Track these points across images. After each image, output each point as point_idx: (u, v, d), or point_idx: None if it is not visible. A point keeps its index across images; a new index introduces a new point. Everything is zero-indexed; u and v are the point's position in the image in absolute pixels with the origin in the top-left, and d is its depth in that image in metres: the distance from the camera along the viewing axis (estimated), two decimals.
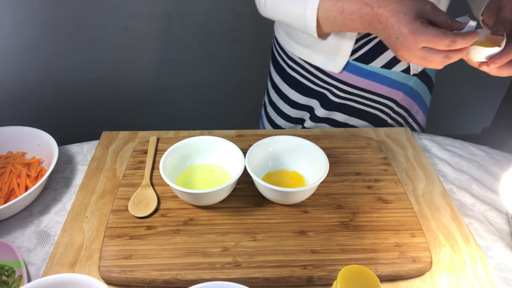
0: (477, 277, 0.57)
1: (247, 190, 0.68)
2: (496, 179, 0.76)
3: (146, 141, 0.79)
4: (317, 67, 0.85)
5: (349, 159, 0.75)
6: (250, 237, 0.60)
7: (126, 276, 0.55)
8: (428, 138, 0.87)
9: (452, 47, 0.53)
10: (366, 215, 0.64)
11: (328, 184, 0.69)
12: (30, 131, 0.77)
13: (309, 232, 0.61)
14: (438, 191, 0.71)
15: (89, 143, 0.84)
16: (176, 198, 0.67)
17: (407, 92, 0.88)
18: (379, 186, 0.70)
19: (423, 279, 0.57)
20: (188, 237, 0.61)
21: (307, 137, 0.72)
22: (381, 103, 0.88)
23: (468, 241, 0.62)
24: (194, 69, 1.63)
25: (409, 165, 0.77)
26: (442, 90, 1.91)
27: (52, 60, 1.49)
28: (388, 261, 0.57)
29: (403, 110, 0.90)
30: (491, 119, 2.02)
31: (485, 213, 0.70)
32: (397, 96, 0.87)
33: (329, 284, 0.56)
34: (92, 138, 0.85)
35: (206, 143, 0.71)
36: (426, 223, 0.65)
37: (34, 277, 0.58)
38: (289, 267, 0.56)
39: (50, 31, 1.43)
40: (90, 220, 0.65)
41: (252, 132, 0.84)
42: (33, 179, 0.72)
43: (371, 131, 0.85)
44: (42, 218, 0.67)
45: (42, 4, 1.37)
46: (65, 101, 1.59)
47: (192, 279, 0.55)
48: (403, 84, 0.86)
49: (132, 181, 0.70)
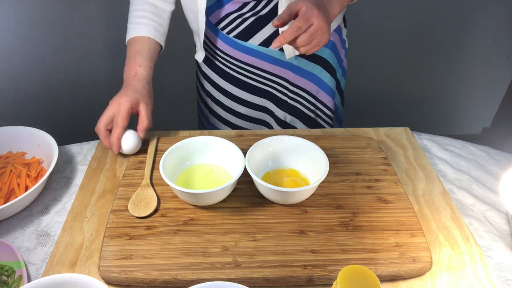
0: (477, 277, 0.57)
1: (247, 190, 0.68)
2: (496, 179, 0.76)
3: (146, 141, 0.79)
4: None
5: (349, 159, 0.75)
6: (250, 237, 0.60)
7: (126, 276, 0.55)
8: (428, 138, 0.87)
9: None
10: (366, 215, 0.64)
11: (328, 184, 0.69)
12: (30, 131, 0.77)
13: (309, 232, 0.61)
14: (438, 191, 0.71)
15: (89, 143, 0.84)
16: (176, 198, 0.67)
17: (297, 72, 0.91)
18: (379, 186, 0.70)
19: (423, 279, 0.57)
20: (188, 237, 0.61)
21: (307, 137, 0.71)
22: (273, 81, 0.92)
23: (468, 241, 0.62)
24: (194, 69, 1.63)
25: (409, 165, 0.77)
26: (442, 90, 1.91)
27: (52, 60, 1.49)
28: (388, 261, 0.57)
29: (299, 90, 0.94)
30: (491, 119, 2.02)
31: (485, 213, 0.70)
32: (287, 74, 0.91)
33: (329, 284, 0.56)
34: (92, 138, 0.85)
35: (206, 143, 0.71)
36: (426, 223, 0.65)
37: (34, 277, 0.58)
38: (289, 267, 0.56)
39: (50, 31, 1.43)
40: (90, 220, 0.65)
41: (252, 132, 0.84)
42: (33, 179, 0.72)
43: (371, 131, 0.85)
44: (42, 218, 0.67)
45: (42, 4, 1.37)
46: (65, 101, 1.59)
47: (192, 279, 0.55)
48: (287, 62, 0.89)
49: (132, 181, 0.70)
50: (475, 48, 1.77)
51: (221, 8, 0.83)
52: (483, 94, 1.91)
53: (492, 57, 1.81)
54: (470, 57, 1.80)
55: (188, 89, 1.68)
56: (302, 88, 0.94)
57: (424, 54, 1.77)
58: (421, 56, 1.77)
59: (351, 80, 1.15)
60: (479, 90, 1.90)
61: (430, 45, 1.75)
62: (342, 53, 0.98)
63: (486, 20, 1.70)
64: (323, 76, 0.94)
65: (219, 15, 0.85)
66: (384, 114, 1.88)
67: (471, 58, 1.80)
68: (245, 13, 0.82)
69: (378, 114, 1.87)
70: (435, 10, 1.65)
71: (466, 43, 1.75)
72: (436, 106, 1.95)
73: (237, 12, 0.82)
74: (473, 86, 1.89)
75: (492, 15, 1.69)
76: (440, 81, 1.87)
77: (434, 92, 1.90)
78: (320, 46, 0.66)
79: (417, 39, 1.70)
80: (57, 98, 1.57)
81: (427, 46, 1.75)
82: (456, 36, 1.73)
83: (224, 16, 0.84)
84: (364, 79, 1.69)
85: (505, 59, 1.82)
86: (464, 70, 1.83)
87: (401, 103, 1.89)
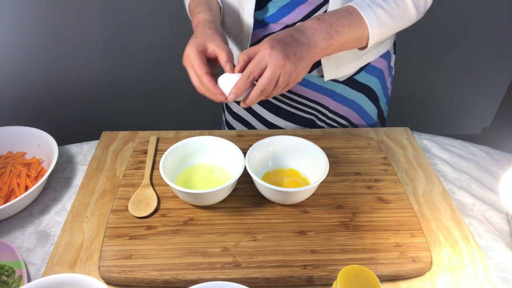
0: (477, 277, 0.57)
1: (247, 190, 0.68)
2: (496, 179, 0.76)
3: (146, 141, 0.79)
4: None
5: (349, 159, 0.75)
6: (250, 237, 0.60)
7: (126, 276, 0.55)
8: (428, 138, 0.87)
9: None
10: (366, 215, 0.64)
11: (328, 184, 0.69)
12: (30, 131, 0.77)
13: (309, 232, 0.61)
14: (438, 191, 0.71)
15: (89, 143, 0.84)
16: (176, 198, 0.67)
17: (337, 98, 0.87)
18: (379, 186, 0.70)
19: (423, 279, 0.57)
20: (188, 237, 0.61)
21: (307, 137, 0.71)
22: (312, 107, 0.88)
23: (468, 241, 0.62)
24: None
25: (409, 165, 0.77)
26: (442, 90, 1.91)
27: (52, 60, 1.49)
28: (388, 261, 0.57)
29: (339, 117, 0.90)
30: (491, 119, 2.02)
31: (485, 213, 0.69)
32: (327, 102, 0.87)
33: (329, 284, 0.56)
34: (92, 138, 0.85)
35: (206, 143, 0.71)
36: (426, 223, 0.65)
37: (34, 277, 0.58)
38: (289, 267, 0.56)
39: (50, 31, 1.43)
40: (90, 220, 0.65)
41: (252, 132, 0.84)
42: (33, 179, 0.72)
43: (371, 131, 0.85)
44: (42, 218, 0.67)
45: (42, 4, 1.37)
46: (65, 101, 1.59)
47: (192, 279, 0.55)
48: (330, 90, 0.85)
49: (132, 181, 0.70)
50: (475, 48, 1.77)
51: (262, 29, 0.78)
52: (483, 94, 1.91)
53: (492, 57, 1.81)
54: (470, 57, 1.80)
55: (188, 90, 1.69)
56: (342, 116, 0.89)
57: (424, 54, 1.77)
58: (421, 56, 1.76)
59: None
60: (479, 90, 1.90)
61: (430, 45, 1.75)
62: (388, 81, 0.92)
63: (486, 20, 1.70)
64: (365, 104, 0.89)
65: (258, 37, 0.79)
66: None
67: (471, 58, 1.80)
68: None
69: None
70: (435, 10, 1.65)
71: (466, 43, 1.75)
72: (436, 106, 1.95)
73: None
74: (473, 86, 1.89)
75: (492, 15, 1.69)
76: (440, 81, 1.87)
77: (434, 92, 1.90)
78: (291, 85, 0.60)
79: (417, 39, 1.70)
80: (57, 98, 1.57)
81: (427, 46, 1.75)
82: (456, 36, 1.73)
83: (262, 38, 0.78)
84: None
85: (505, 59, 1.82)
86: (464, 70, 1.83)
87: (401, 103, 1.89)
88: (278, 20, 0.76)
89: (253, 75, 0.58)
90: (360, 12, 0.64)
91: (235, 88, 0.58)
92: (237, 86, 0.58)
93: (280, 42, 0.58)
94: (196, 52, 0.61)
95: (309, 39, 0.60)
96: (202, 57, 0.62)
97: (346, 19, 0.63)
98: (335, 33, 0.62)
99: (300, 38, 0.59)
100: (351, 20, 0.63)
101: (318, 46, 0.61)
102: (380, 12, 0.65)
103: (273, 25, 0.77)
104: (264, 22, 0.78)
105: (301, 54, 0.59)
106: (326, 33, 0.61)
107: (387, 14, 0.65)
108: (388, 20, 0.66)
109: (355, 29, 0.63)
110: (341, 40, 0.63)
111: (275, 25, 0.77)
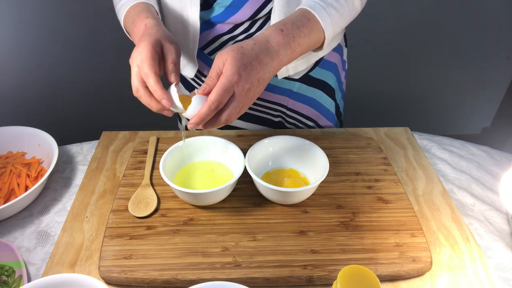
0: (477, 277, 0.57)
1: (247, 190, 0.68)
2: (496, 179, 0.76)
3: (146, 141, 0.79)
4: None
5: (349, 159, 0.75)
6: (250, 237, 0.60)
7: (126, 276, 0.55)
8: (428, 138, 0.87)
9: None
10: (366, 215, 0.64)
11: (328, 184, 0.69)
12: (30, 131, 0.77)
13: (309, 232, 0.61)
14: (438, 191, 0.71)
15: (89, 143, 0.84)
16: (176, 198, 0.67)
17: (295, 97, 0.85)
18: (379, 186, 0.70)
19: (423, 279, 0.57)
20: (188, 237, 0.61)
21: (307, 137, 0.72)
22: (273, 108, 0.86)
23: (468, 241, 0.62)
24: None
25: (409, 165, 0.77)
26: (442, 90, 1.91)
27: (52, 60, 1.49)
28: (388, 261, 0.57)
29: (298, 115, 0.88)
30: (491, 119, 2.02)
31: (485, 213, 0.70)
32: (285, 101, 0.85)
33: (329, 284, 0.56)
34: (92, 138, 0.85)
35: (206, 143, 0.71)
36: (426, 223, 0.65)
37: (34, 277, 0.58)
38: (289, 267, 0.56)
39: (50, 31, 1.43)
40: (90, 220, 0.65)
41: (252, 132, 0.84)
42: (33, 179, 0.72)
43: (371, 131, 0.85)
44: (42, 218, 0.67)
45: (42, 4, 1.37)
46: (65, 101, 1.59)
47: (192, 279, 0.55)
48: (287, 89, 0.84)
49: (132, 181, 0.70)
50: (475, 48, 1.77)
51: (210, 30, 0.76)
52: (483, 94, 1.91)
53: (492, 57, 1.81)
54: (470, 57, 1.80)
55: None
56: (301, 113, 0.88)
57: (424, 54, 1.77)
58: (421, 56, 1.77)
59: (351, 79, 1.15)
60: (479, 90, 1.90)
61: (430, 45, 1.75)
62: (342, 75, 0.91)
63: (486, 20, 1.70)
64: (323, 100, 0.88)
65: (207, 38, 0.77)
66: (384, 114, 1.88)
67: (471, 58, 1.80)
68: (237, 35, 0.75)
69: (378, 114, 1.87)
70: (435, 10, 1.65)
71: (466, 43, 1.75)
72: (436, 106, 1.95)
73: (228, 35, 0.75)
74: (473, 86, 1.89)
75: (492, 15, 1.69)
76: (440, 81, 1.87)
77: (434, 92, 1.90)
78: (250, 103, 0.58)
79: (417, 39, 1.70)
80: (57, 98, 1.57)
81: (427, 46, 1.75)
82: (456, 36, 1.73)
83: (212, 39, 0.76)
84: (364, 79, 1.69)
85: (505, 59, 1.82)
86: (464, 70, 1.83)
87: (401, 103, 1.89)
88: (226, 20, 0.74)
89: (221, 104, 0.54)
90: (317, 16, 0.62)
91: (198, 118, 0.54)
92: (201, 116, 0.54)
93: (247, 69, 0.55)
94: (150, 49, 0.57)
95: (273, 59, 0.58)
96: (156, 56, 0.57)
97: (306, 27, 0.61)
98: (297, 46, 0.60)
99: (265, 59, 0.57)
100: (310, 27, 0.62)
101: (281, 63, 0.59)
102: (333, 12, 0.64)
103: (220, 25, 0.75)
104: (211, 22, 0.75)
105: (264, 78, 0.57)
106: (289, 47, 0.59)
107: (338, 13, 0.64)
108: (339, 18, 0.65)
109: (313, 35, 0.62)
110: (301, 51, 0.61)
111: (223, 25, 0.75)
